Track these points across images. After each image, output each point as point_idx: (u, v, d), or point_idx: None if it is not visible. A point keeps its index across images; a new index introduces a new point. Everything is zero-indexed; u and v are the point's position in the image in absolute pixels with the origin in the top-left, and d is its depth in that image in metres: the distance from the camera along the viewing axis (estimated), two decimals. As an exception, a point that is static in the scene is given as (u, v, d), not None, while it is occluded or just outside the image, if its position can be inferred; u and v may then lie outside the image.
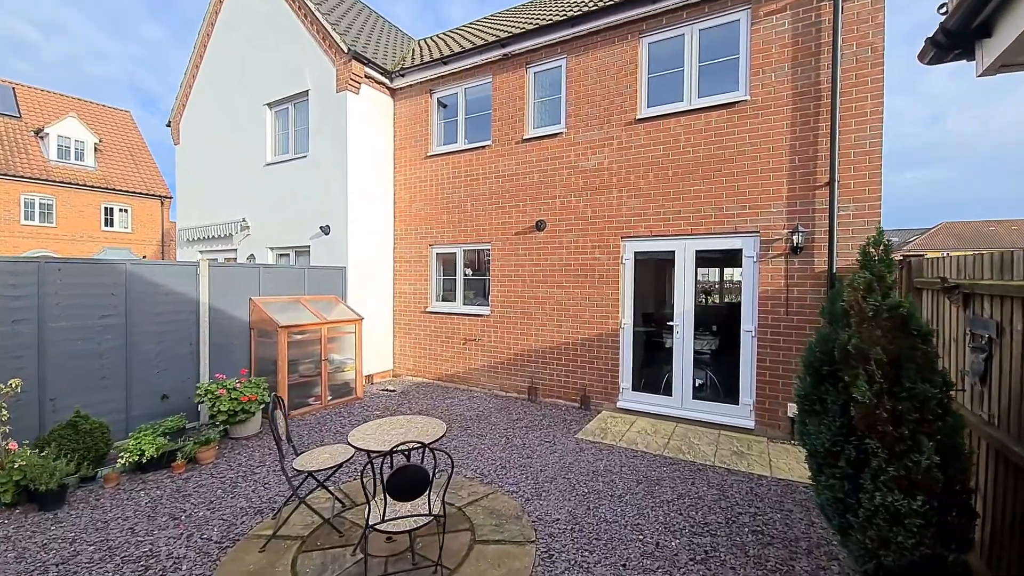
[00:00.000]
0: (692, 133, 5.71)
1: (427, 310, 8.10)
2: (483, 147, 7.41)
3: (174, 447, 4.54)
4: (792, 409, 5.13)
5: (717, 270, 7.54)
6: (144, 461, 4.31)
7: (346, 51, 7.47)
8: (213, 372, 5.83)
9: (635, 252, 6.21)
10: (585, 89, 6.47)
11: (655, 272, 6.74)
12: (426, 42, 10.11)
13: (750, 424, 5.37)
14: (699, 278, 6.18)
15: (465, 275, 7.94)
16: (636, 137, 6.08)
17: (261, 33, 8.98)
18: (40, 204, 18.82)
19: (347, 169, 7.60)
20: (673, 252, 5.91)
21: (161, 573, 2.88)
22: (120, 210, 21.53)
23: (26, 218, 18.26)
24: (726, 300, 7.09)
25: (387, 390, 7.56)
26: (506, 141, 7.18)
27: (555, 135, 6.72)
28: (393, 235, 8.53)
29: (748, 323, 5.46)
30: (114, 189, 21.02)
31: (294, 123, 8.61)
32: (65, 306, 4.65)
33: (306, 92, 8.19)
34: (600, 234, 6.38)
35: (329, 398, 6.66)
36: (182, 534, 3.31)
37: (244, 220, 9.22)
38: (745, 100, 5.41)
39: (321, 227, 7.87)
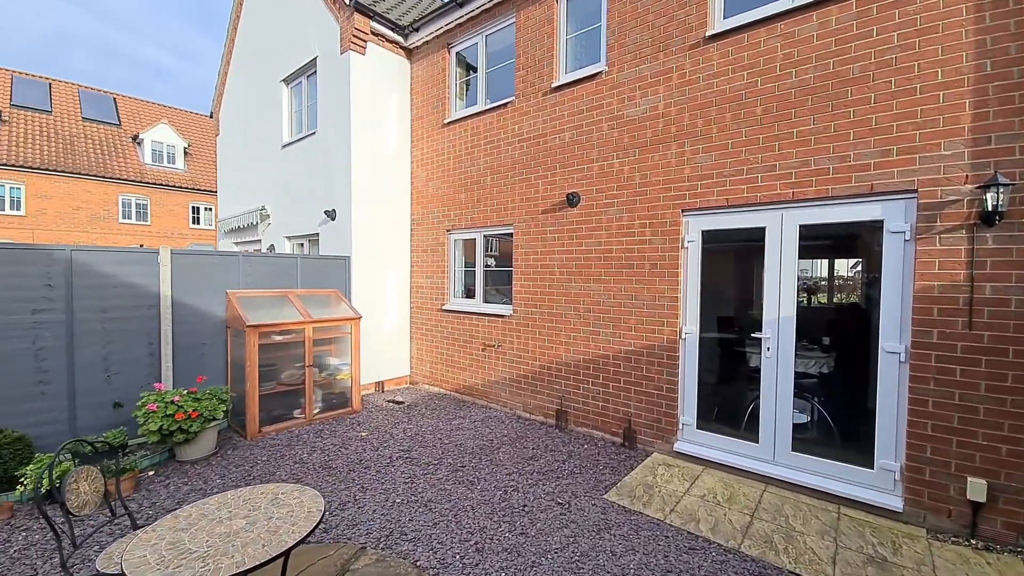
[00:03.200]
0: (796, 45, 3.72)
1: (444, 308, 6.80)
2: (505, 105, 5.89)
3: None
4: (974, 488, 3.03)
5: (833, 256, 5.36)
6: (44, 491, 3.46)
7: (348, 3, 6.36)
8: (180, 378, 5.01)
9: (703, 231, 4.33)
10: (632, 8, 4.69)
11: (735, 259, 4.80)
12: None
13: (895, 503, 3.32)
14: (804, 268, 4.18)
15: (486, 266, 6.51)
16: (707, 63, 4.20)
17: (277, 2, 8.25)
18: (136, 204, 20.67)
19: (350, 142, 6.51)
20: (763, 229, 3.97)
21: None
22: (205, 208, 23.15)
23: (123, 217, 20.12)
24: (849, 301, 4.93)
25: (394, 402, 6.39)
26: (531, 94, 5.60)
27: (592, 77, 5.01)
28: (410, 220, 7.35)
29: (892, 339, 3.39)
30: (200, 189, 22.60)
31: (307, 97, 7.75)
32: (-12, 299, 3.97)
33: (315, 60, 7.25)
34: (652, 207, 4.58)
35: (316, 411, 5.62)
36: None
37: (264, 208, 8.61)
38: (892, -22, 3.33)
39: (326, 212, 6.89)
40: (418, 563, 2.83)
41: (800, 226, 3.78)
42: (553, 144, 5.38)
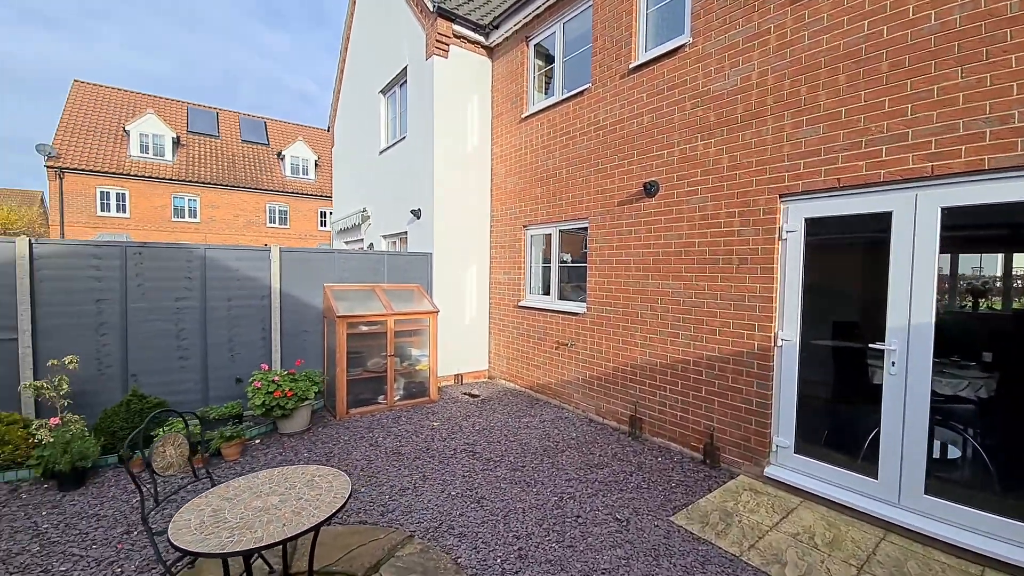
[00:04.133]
0: (939, -22, 2.91)
1: (519, 304, 6.77)
2: (581, 93, 5.63)
3: (205, 438, 4.33)
4: None
5: (1008, 250, 4.20)
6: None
7: (432, 9, 6.62)
8: (286, 360, 5.70)
9: (807, 219, 3.65)
10: (724, -32, 4.12)
11: (849, 253, 3.99)
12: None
13: (1083, 581, 2.43)
14: (974, 265, 3.31)
15: (562, 261, 6.31)
16: (814, 17, 3.51)
17: (377, 19, 8.95)
18: (279, 211, 24.23)
19: (433, 143, 6.79)
20: (888, 215, 3.20)
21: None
22: (330, 213, 26.27)
23: (270, 222, 23.73)
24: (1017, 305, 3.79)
25: (470, 395, 6.54)
26: (608, 79, 5.26)
27: (674, 52, 4.53)
28: (490, 217, 7.45)
29: (1085, 359, 2.48)
30: (326, 196, 25.67)
31: (399, 105, 8.29)
32: (146, 288, 4.90)
33: (405, 69, 7.71)
34: (743, 194, 3.99)
35: (397, 398, 5.98)
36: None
37: (365, 210, 9.44)
38: None
39: (412, 211, 7.29)
40: (459, 560, 2.81)
41: (942, 209, 2.96)
42: (630, 130, 4.99)
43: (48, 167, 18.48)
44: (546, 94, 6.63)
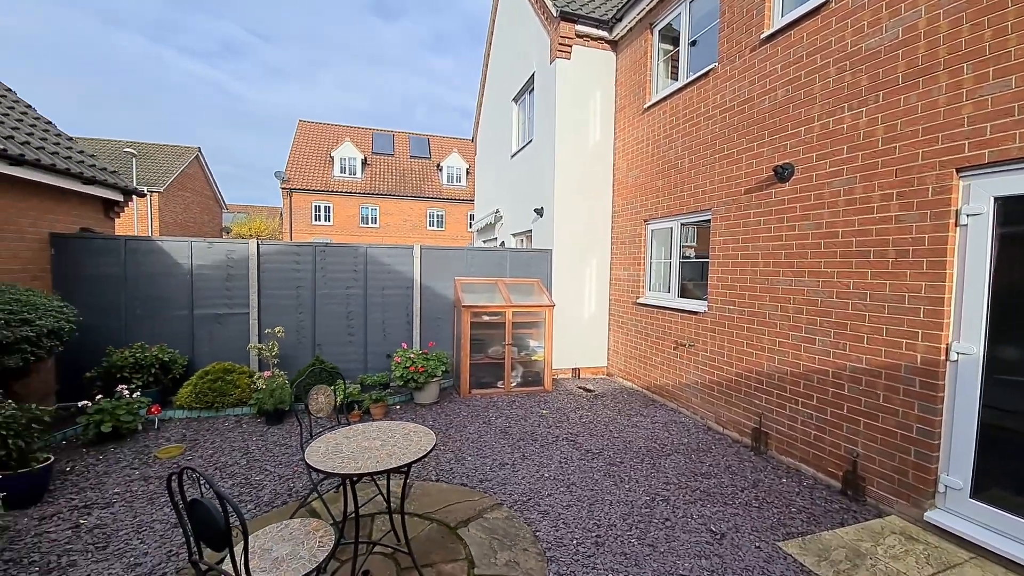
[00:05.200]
0: None
1: (638, 301, 6.57)
2: (706, 75, 5.22)
3: (359, 399, 5.37)
4: None
5: None
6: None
7: (555, 15, 6.86)
8: (424, 341, 6.64)
9: (997, 199, 2.82)
10: (883, -101, 3.40)
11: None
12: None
13: None
14: None
15: (683, 257, 5.93)
16: (1011, -64, 2.69)
17: (511, 32, 9.58)
18: (436, 215, 27.50)
19: (555, 142, 7.04)
20: None
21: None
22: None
23: (429, 225, 27.13)
24: None
25: (584, 389, 6.63)
26: (736, 54, 4.77)
27: (816, 11, 3.90)
28: (611, 212, 7.38)
29: None
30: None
31: (528, 110, 8.76)
32: (327, 278, 6.27)
33: (533, 75, 8.12)
34: (904, 170, 3.26)
35: (513, 384, 6.42)
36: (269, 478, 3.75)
37: (498, 211, 10.22)
38: None
39: (535, 209, 7.67)
40: (537, 533, 3.01)
41: None
42: (760, 108, 4.46)
43: (282, 188, 24.42)
44: (672, 79, 6.28)
